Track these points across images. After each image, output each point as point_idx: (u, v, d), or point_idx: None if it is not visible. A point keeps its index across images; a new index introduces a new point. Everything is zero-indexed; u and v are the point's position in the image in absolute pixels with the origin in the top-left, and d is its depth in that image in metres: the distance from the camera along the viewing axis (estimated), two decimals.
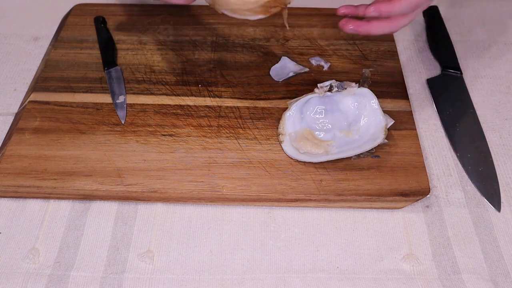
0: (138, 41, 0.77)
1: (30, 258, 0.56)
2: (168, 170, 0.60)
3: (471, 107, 0.70)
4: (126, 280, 0.54)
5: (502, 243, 0.58)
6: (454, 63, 0.75)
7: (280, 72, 0.72)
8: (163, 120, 0.66)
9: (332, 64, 0.74)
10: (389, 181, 0.60)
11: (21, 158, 0.61)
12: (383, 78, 0.72)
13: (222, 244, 0.57)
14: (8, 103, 0.71)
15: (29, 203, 0.60)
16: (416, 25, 0.83)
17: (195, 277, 0.55)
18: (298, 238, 0.58)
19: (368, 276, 0.55)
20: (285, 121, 0.63)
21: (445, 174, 0.64)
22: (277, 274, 0.55)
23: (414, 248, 0.57)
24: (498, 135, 0.68)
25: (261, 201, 0.60)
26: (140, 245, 0.57)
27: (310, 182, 0.59)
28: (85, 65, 0.73)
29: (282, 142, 0.62)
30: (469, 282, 0.54)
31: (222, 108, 0.68)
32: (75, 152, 0.62)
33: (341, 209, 0.60)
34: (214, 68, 0.73)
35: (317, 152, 0.61)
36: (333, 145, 0.62)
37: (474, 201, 0.61)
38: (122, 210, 0.60)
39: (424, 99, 0.72)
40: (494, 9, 0.86)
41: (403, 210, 0.60)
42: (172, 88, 0.70)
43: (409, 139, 0.64)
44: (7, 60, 0.77)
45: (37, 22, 0.84)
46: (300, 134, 0.62)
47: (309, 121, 0.64)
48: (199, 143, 0.63)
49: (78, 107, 0.67)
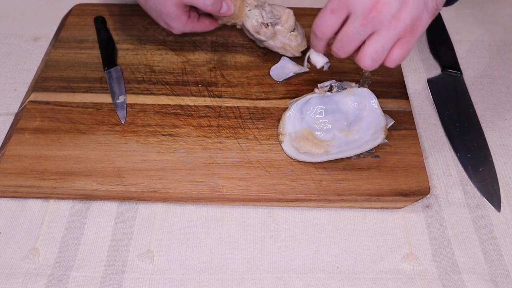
0: (138, 41, 0.77)
1: (30, 258, 0.56)
2: (168, 170, 0.60)
3: (471, 107, 0.70)
4: (126, 280, 0.54)
5: (502, 243, 0.58)
6: (454, 63, 0.76)
7: (280, 72, 0.72)
8: (163, 120, 0.66)
9: (332, 64, 0.74)
10: (389, 181, 0.60)
11: (21, 158, 0.61)
12: (383, 78, 0.72)
13: (222, 244, 0.57)
14: (8, 103, 0.71)
15: (29, 203, 0.60)
16: None
17: (195, 277, 0.55)
18: (298, 238, 0.58)
19: (368, 276, 0.55)
20: (285, 121, 0.63)
21: (445, 174, 0.64)
22: (277, 274, 0.55)
23: (414, 248, 0.57)
24: (498, 135, 0.68)
25: (261, 201, 0.60)
26: (140, 245, 0.57)
27: (310, 182, 0.59)
28: (85, 65, 0.73)
29: (282, 142, 0.62)
30: (469, 282, 0.54)
31: (222, 108, 0.68)
32: (75, 152, 0.62)
33: (341, 209, 0.60)
34: (214, 68, 0.73)
35: (317, 152, 0.61)
36: (333, 145, 0.62)
37: (474, 201, 0.61)
38: (122, 210, 0.60)
39: (424, 99, 0.72)
40: (494, 9, 0.86)
41: (403, 210, 0.60)
42: (172, 88, 0.70)
43: (409, 139, 0.64)
44: (7, 60, 0.77)
45: (37, 22, 0.84)
46: (300, 134, 0.62)
47: (309, 121, 0.63)
48: (199, 143, 0.63)
49: (78, 107, 0.67)
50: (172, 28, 0.70)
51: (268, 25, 0.69)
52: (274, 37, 0.71)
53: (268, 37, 0.71)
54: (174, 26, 0.70)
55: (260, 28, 0.69)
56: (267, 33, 0.70)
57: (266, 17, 0.69)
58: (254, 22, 0.70)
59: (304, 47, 0.73)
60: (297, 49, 0.72)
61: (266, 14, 0.70)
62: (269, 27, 0.70)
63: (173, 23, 0.69)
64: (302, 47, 0.73)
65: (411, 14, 0.53)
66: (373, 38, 0.54)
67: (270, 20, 0.69)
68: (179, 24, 0.69)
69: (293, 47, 0.72)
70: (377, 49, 0.54)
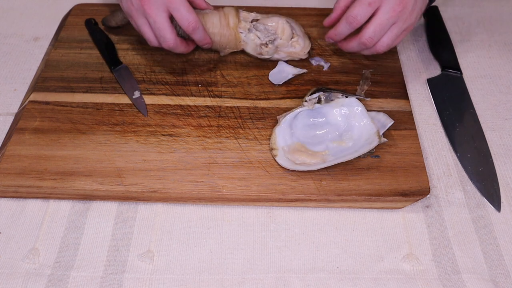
0: (138, 41, 0.77)
1: (30, 258, 0.56)
2: (168, 170, 0.60)
3: (471, 107, 0.70)
4: (126, 280, 0.54)
5: (502, 243, 0.58)
6: (454, 63, 0.75)
7: (278, 76, 0.71)
8: (163, 120, 0.66)
9: (332, 64, 0.74)
10: (389, 181, 0.60)
11: (21, 158, 0.61)
12: (383, 78, 0.72)
13: (222, 244, 0.57)
14: (8, 103, 0.71)
15: (29, 203, 0.60)
16: (416, 25, 0.83)
17: (195, 277, 0.55)
18: (298, 238, 0.58)
19: (368, 276, 0.55)
20: (276, 136, 0.62)
21: (445, 174, 0.64)
22: (277, 274, 0.55)
23: (414, 248, 0.57)
24: (498, 135, 0.68)
25: (261, 201, 0.60)
26: (140, 245, 0.57)
27: (310, 182, 0.59)
28: (85, 65, 0.73)
29: (276, 156, 0.61)
30: (469, 282, 0.54)
31: (222, 108, 0.68)
32: (75, 152, 0.62)
33: (341, 209, 0.60)
34: (214, 68, 0.73)
35: (313, 162, 0.60)
36: (329, 154, 0.61)
37: (474, 201, 0.61)
38: (122, 210, 0.60)
39: (424, 99, 0.72)
40: (494, 9, 0.86)
41: (403, 210, 0.60)
42: (172, 88, 0.70)
43: (409, 139, 0.64)
44: (7, 60, 0.77)
45: (37, 22, 0.84)
46: (292, 147, 0.61)
47: (299, 136, 0.63)
48: (199, 143, 0.63)
49: (78, 107, 0.67)
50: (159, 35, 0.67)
51: (268, 44, 0.70)
52: (277, 51, 0.72)
53: (271, 53, 0.71)
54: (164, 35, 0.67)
55: (261, 49, 0.70)
56: (269, 51, 0.71)
57: (263, 37, 0.70)
58: (254, 46, 0.70)
59: (309, 47, 0.73)
60: (302, 52, 0.73)
61: (261, 34, 0.70)
62: (269, 45, 0.70)
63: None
64: (306, 48, 0.73)
65: (416, 13, 0.66)
66: (392, 29, 0.65)
67: (267, 38, 0.70)
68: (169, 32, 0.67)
69: (298, 53, 0.72)
70: (392, 37, 0.66)
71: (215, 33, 0.70)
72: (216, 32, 0.69)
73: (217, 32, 0.69)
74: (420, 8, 0.67)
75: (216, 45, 0.71)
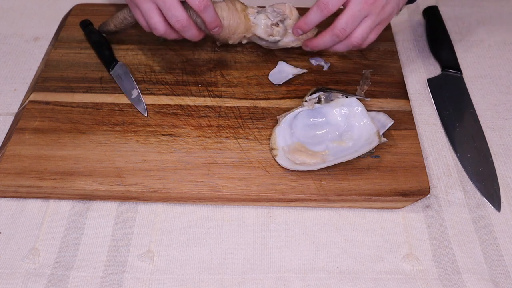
0: (138, 41, 0.77)
1: (30, 258, 0.56)
2: (168, 170, 0.60)
3: (471, 107, 0.70)
4: (126, 280, 0.54)
5: (502, 243, 0.58)
6: (454, 63, 0.76)
7: (278, 76, 0.71)
8: (163, 120, 0.66)
9: (332, 64, 0.74)
10: (389, 181, 0.60)
11: (21, 158, 0.61)
12: (383, 78, 0.72)
13: (222, 244, 0.57)
14: (8, 103, 0.71)
15: (29, 203, 0.60)
16: (416, 25, 0.83)
17: (195, 277, 0.55)
18: (298, 238, 0.58)
19: (368, 276, 0.55)
20: (276, 136, 0.62)
21: (445, 174, 0.64)
22: (277, 274, 0.55)
23: (414, 248, 0.57)
24: (498, 135, 0.68)
25: (261, 201, 0.60)
26: (140, 245, 0.57)
27: (310, 182, 0.59)
28: (85, 65, 0.73)
29: (276, 156, 0.61)
30: (469, 282, 0.54)
31: (222, 108, 0.68)
32: (75, 152, 0.62)
33: (341, 209, 0.60)
34: (214, 68, 0.73)
35: (313, 162, 0.60)
36: (329, 154, 0.61)
37: (474, 201, 0.61)
38: (122, 210, 0.60)
39: (424, 99, 0.72)
40: (494, 9, 0.86)
41: (403, 210, 0.60)
42: (172, 88, 0.70)
43: (409, 139, 0.64)
44: (7, 60, 0.77)
45: (37, 22, 0.84)
46: (292, 147, 0.61)
47: (299, 136, 0.63)
48: (199, 143, 0.63)
49: (78, 107, 0.67)
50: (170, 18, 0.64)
51: (278, 24, 0.70)
52: (286, 34, 0.72)
53: (282, 34, 0.71)
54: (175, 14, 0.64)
55: (272, 29, 0.70)
56: (280, 32, 0.71)
57: (273, 17, 0.70)
58: (265, 26, 0.70)
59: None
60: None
61: (271, 14, 0.70)
62: (280, 24, 0.70)
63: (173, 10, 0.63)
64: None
65: (391, 7, 0.66)
66: (365, 21, 0.65)
67: (278, 18, 0.70)
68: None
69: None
70: (366, 30, 0.66)
71: (224, 17, 0.68)
72: (225, 16, 0.69)
73: (226, 16, 0.69)
74: (397, 3, 0.66)
75: (225, 31, 0.70)
